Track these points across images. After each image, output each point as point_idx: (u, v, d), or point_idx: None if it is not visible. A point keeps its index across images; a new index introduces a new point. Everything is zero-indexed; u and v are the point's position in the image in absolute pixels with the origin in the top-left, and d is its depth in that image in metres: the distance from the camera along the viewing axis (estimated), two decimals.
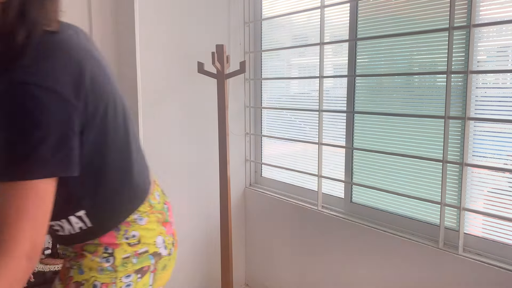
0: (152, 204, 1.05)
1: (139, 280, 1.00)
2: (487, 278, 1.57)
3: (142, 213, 1.02)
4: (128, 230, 0.99)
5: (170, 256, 1.07)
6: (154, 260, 1.02)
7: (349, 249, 2.07)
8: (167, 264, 1.07)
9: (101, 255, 0.97)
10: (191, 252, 2.52)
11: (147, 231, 1.01)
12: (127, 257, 0.98)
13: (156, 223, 1.04)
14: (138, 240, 1.00)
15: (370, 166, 2.04)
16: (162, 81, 2.32)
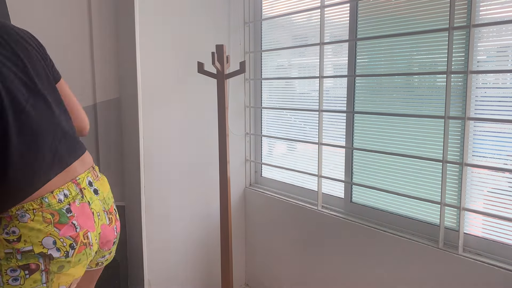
0: (47, 202, 1.01)
1: (27, 277, 1.00)
2: (487, 278, 1.57)
3: (26, 210, 0.99)
4: (8, 225, 0.98)
5: (68, 258, 1.04)
6: (43, 260, 1.01)
7: (349, 249, 2.07)
8: (65, 265, 1.04)
9: None
10: (191, 252, 2.52)
11: (29, 230, 0.99)
12: (10, 252, 0.98)
13: (42, 223, 1.00)
14: (19, 237, 0.98)
15: (370, 166, 2.04)
16: (162, 81, 2.32)
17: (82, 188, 1.10)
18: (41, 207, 1.00)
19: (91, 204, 1.11)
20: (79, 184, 1.09)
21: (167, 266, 2.46)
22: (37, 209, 1.00)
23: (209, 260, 2.58)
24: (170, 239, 2.44)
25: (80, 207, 1.07)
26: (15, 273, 0.99)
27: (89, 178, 1.15)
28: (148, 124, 2.28)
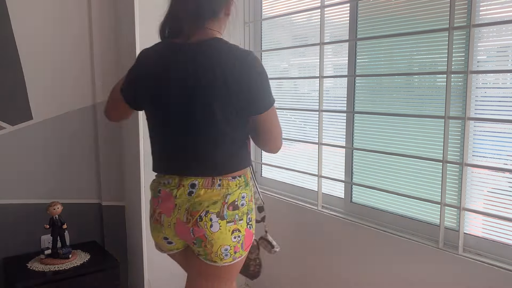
0: (160, 176, 1.48)
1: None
2: (487, 278, 1.57)
3: (156, 175, 1.52)
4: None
5: (151, 220, 1.54)
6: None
7: (349, 249, 2.07)
8: (150, 223, 1.55)
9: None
10: None
11: (152, 183, 1.50)
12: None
13: (153, 185, 1.51)
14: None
15: (370, 166, 2.04)
16: None
17: (181, 184, 1.38)
18: (158, 177, 1.48)
19: (177, 198, 1.39)
20: (182, 181, 1.39)
21: (167, 266, 2.45)
22: (157, 176, 1.47)
23: None
24: None
25: (166, 194, 1.41)
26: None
27: (195, 182, 1.38)
28: None
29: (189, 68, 1.35)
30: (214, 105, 1.32)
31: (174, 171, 1.41)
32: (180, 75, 1.36)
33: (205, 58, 1.35)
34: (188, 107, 1.35)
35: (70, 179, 2.38)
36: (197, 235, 1.38)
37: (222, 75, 1.31)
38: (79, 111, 2.38)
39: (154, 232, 1.51)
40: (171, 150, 1.43)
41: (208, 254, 1.41)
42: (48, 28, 2.25)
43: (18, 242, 2.27)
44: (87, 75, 2.38)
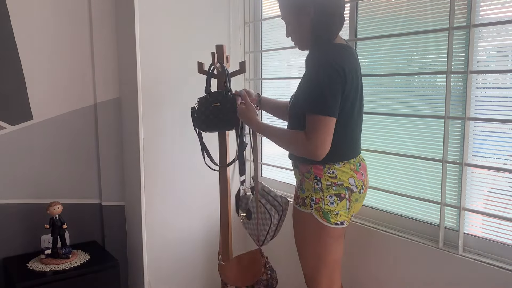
0: (350, 161, 1.64)
1: (339, 202, 1.61)
2: (487, 278, 1.57)
3: (340, 162, 1.61)
4: (330, 168, 1.61)
5: (360, 194, 1.66)
6: (348, 192, 1.61)
7: (349, 249, 2.07)
8: (358, 198, 1.66)
9: (313, 180, 1.62)
10: (191, 252, 2.52)
11: (342, 172, 1.61)
12: (329, 184, 1.60)
13: (349, 169, 1.62)
14: (336, 175, 1.61)
15: (370, 166, 2.04)
16: (162, 81, 2.32)
17: (361, 161, 1.70)
18: (347, 161, 1.63)
19: (366, 166, 1.72)
20: (358, 159, 1.68)
21: (167, 266, 2.46)
22: (345, 161, 1.62)
23: (209, 260, 2.58)
24: (170, 239, 2.44)
25: (363, 165, 1.70)
26: (332, 199, 1.60)
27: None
28: (148, 124, 2.28)
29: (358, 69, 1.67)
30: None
31: (357, 154, 1.70)
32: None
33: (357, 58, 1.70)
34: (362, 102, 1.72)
35: (70, 179, 2.38)
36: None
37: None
38: (79, 111, 2.38)
39: (352, 205, 1.65)
40: (357, 138, 1.71)
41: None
42: (48, 28, 2.25)
43: (18, 242, 2.27)
44: (87, 75, 2.38)
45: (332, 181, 1.60)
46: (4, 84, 2.17)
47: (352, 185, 1.62)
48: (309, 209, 1.62)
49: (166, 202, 2.40)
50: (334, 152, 1.55)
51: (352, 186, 1.62)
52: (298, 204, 1.67)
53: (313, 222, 1.62)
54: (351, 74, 1.54)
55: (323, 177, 1.60)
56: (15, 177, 2.23)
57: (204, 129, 2.03)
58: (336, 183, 1.60)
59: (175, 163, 2.40)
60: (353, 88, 1.57)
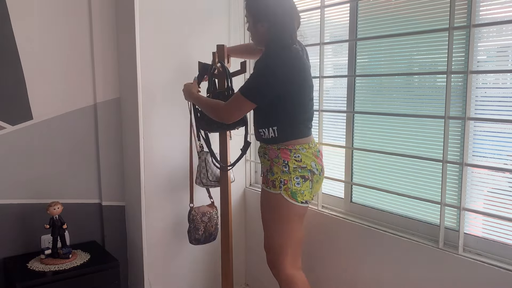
0: (310, 146, 1.88)
1: (303, 182, 1.84)
2: (487, 278, 1.57)
3: (304, 147, 1.85)
4: (295, 152, 1.84)
5: (320, 176, 1.91)
6: (310, 174, 1.85)
7: (349, 249, 2.07)
8: (318, 179, 1.91)
9: (282, 163, 1.84)
10: (191, 252, 2.52)
11: (305, 156, 1.84)
12: (295, 167, 1.82)
13: (311, 154, 1.86)
14: (301, 159, 1.84)
15: (370, 166, 2.04)
16: (162, 81, 2.32)
17: (316, 143, 1.95)
18: (309, 147, 1.87)
19: (321, 152, 1.97)
20: (314, 141, 1.93)
21: (167, 266, 2.46)
22: (307, 148, 1.86)
23: (209, 260, 2.58)
24: (170, 239, 2.44)
25: (321, 153, 1.97)
26: (298, 180, 1.83)
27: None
28: (148, 124, 2.28)
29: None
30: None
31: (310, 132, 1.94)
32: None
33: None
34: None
35: (70, 179, 2.38)
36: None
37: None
38: (79, 111, 2.38)
39: (314, 186, 1.89)
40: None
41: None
42: (48, 28, 2.25)
43: (18, 242, 2.27)
44: (87, 75, 2.38)
45: (298, 164, 1.82)
46: (4, 84, 2.17)
47: (314, 168, 1.85)
48: (279, 190, 1.82)
49: (166, 202, 2.40)
50: (292, 132, 1.85)
51: (313, 169, 1.85)
52: (268, 186, 1.87)
53: (282, 202, 1.83)
54: (293, 74, 1.80)
55: (290, 161, 1.82)
56: (15, 177, 2.23)
57: (207, 129, 2.06)
58: (301, 166, 1.82)
59: (175, 163, 2.40)
60: (296, 85, 1.82)
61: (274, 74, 1.77)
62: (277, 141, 1.85)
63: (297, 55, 1.81)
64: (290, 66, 1.78)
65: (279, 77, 1.76)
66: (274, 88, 1.78)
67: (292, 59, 1.79)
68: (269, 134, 1.87)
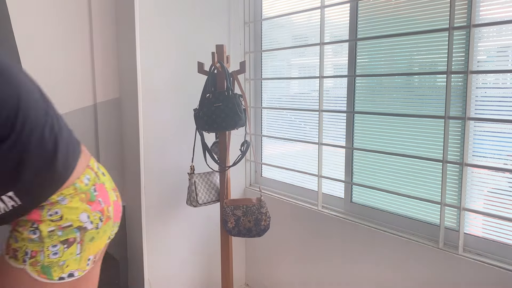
0: (77, 187, 1.22)
1: (65, 250, 1.20)
2: (487, 278, 1.57)
3: (65, 195, 1.19)
4: (51, 208, 1.18)
5: (98, 230, 1.25)
6: (80, 233, 1.21)
7: (349, 249, 2.07)
8: (94, 236, 1.25)
9: (28, 229, 1.17)
10: (191, 252, 2.52)
11: (69, 209, 1.19)
12: (52, 230, 1.17)
13: (79, 202, 1.21)
14: (61, 216, 1.18)
15: (370, 166, 2.04)
16: (162, 81, 2.32)
17: (96, 172, 1.28)
18: (75, 191, 1.21)
19: (105, 184, 1.30)
20: (93, 169, 1.27)
21: (167, 266, 2.46)
22: (72, 193, 1.20)
23: (209, 260, 2.58)
24: (170, 239, 2.44)
25: (100, 187, 1.28)
26: (55, 248, 1.19)
27: (95, 163, 1.31)
28: (148, 124, 2.28)
29: None
30: None
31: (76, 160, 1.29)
32: None
33: None
34: None
35: None
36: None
37: None
38: (79, 111, 2.38)
39: (102, 237, 1.34)
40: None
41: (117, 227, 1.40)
42: (48, 28, 2.25)
43: None
44: (87, 75, 2.38)
45: (57, 224, 1.18)
46: None
47: (85, 222, 1.22)
48: (22, 265, 1.18)
49: (166, 202, 2.40)
50: (42, 186, 1.17)
51: (85, 224, 1.22)
52: (8, 254, 1.20)
53: (26, 281, 1.18)
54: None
55: (43, 223, 1.17)
56: None
57: (206, 129, 2.05)
58: (62, 226, 1.19)
59: (175, 163, 2.40)
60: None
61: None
62: (25, 211, 1.20)
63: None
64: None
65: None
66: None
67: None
68: (7, 205, 1.15)
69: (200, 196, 2.17)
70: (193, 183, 2.16)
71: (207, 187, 2.21)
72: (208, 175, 2.23)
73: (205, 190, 2.20)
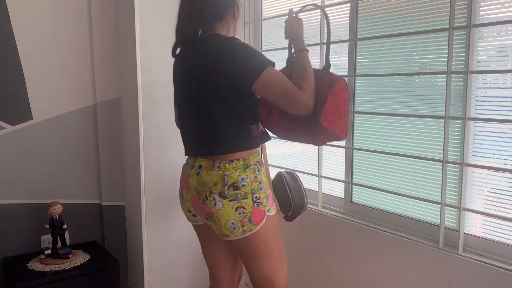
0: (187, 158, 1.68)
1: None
2: (487, 278, 1.57)
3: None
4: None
5: (182, 197, 1.70)
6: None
7: (349, 249, 2.07)
8: (181, 200, 1.71)
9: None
10: (191, 252, 2.52)
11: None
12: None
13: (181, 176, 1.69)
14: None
15: (370, 166, 2.04)
16: (162, 81, 2.32)
17: (193, 165, 1.62)
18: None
19: (190, 177, 1.62)
20: (194, 162, 1.62)
21: (167, 266, 2.46)
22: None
23: None
24: (170, 239, 2.44)
25: (184, 173, 1.68)
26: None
27: (201, 164, 1.59)
28: (148, 124, 2.28)
29: (188, 67, 1.59)
30: (206, 89, 1.52)
31: (191, 153, 1.66)
32: (182, 76, 1.64)
33: (201, 54, 1.54)
34: (189, 100, 1.61)
35: (70, 179, 2.38)
36: (206, 211, 1.57)
37: (208, 62, 1.51)
38: (79, 111, 2.38)
39: (181, 204, 1.71)
40: (188, 135, 1.68)
41: (218, 229, 1.57)
42: (48, 28, 2.25)
43: (18, 242, 2.27)
44: (87, 75, 2.38)
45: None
46: (4, 84, 2.17)
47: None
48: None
49: (166, 202, 2.40)
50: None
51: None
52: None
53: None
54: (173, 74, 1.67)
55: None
56: (15, 177, 2.23)
57: None
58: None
59: (175, 163, 2.39)
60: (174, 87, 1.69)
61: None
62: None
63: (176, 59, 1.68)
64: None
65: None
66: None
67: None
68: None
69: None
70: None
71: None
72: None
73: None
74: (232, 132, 1.54)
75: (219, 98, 1.51)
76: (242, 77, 1.47)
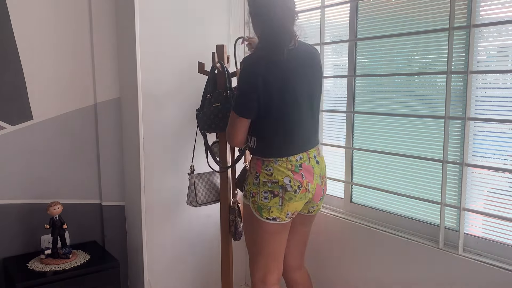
0: (290, 160, 1.72)
1: (272, 198, 1.71)
2: (487, 278, 1.57)
3: (278, 160, 1.71)
4: (268, 165, 1.73)
5: (295, 194, 1.72)
6: (282, 190, 1.71)
7: (349, 249, 2.07)
8: (292, 197, 1.72)
9: (254, 175, 1.76)
10: (191, 252, 2.52)
11: (277, 171, 1.71)
12: (265, 181, 1.72)
13: (285, 169, 1.71)
14: (272, 173, 1.72)
15: (370, 166, 2.04)
16: (162, 81, 2.32)
17: (309, 157, 1.76)
18: (286, 161, 1.71)
19: (314, 168, 1.77)
20: (309, 154, 1.76)
21: (167, 266, 2.46)
22: (284, 161, 1.71)
23: (209, 260, 2.58)
24: (170, 239, 2.44)
25: (307, 167, 1.75)
26: (266, 194, 1.72)
27: (314, 153, 1.79)
28: (148, 124, 2.28)
29: (303, 65, 1.80)
30: (319, 87, 1.85)
31: (304, 149, 1.75)
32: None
33: (305, 53, 1.85)
34: (309, 99, 1.80)
35: (70, 179, 2.38)
36: (324, 192, 1.86)
37: (314, 62, 1.85)
38: (79, 111, 2.38)
39: (298, 201, 1.74)
40: (303, 132, 1.77)
41: (320, 204, 1.87)
42: (48, 28, 2.25)
43: (18, 242, 2.27)
44: (87, 75, 2.38)
45: (268, 178, 1.72)
46: (4, 84, 2.17)
47: (287, 184, 1.70)
48: (248, 201, 1.78)
49: (166, 202, 2.40)
50: (268, 147, 1.74)
51: (286, 185, 1.70)
52: (244, 195, 1.85)
53: (251, 213, 1.77)
54: (258, 84, 1.65)
55: (261, 174, 1.74)
56: (15, 177, 2.23)
57: (206, 129, 2.05)
58: (271, 181, 1.71)
59: (175, 163, 2.40)
60: (276, 91, 1.67)
61: (247, 82, 1.69)
62: (254, 152, 1.78)
63: (266, 60, 1.67)
64: (251, 72, 1.68)
65: (252, 85, 1.67)
66: (251, 98, 1.67)
67: (253, 65, 1.69)
68: (250, 142, 1.79)
69: (200, 196, 2.18)
70: (192, 183, 2.17)
71: (207, 187, 2.22)
72: (208, 175, 2.24)
73: (205, 190, 2.21)
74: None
75: (319, 95, 1.83)
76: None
